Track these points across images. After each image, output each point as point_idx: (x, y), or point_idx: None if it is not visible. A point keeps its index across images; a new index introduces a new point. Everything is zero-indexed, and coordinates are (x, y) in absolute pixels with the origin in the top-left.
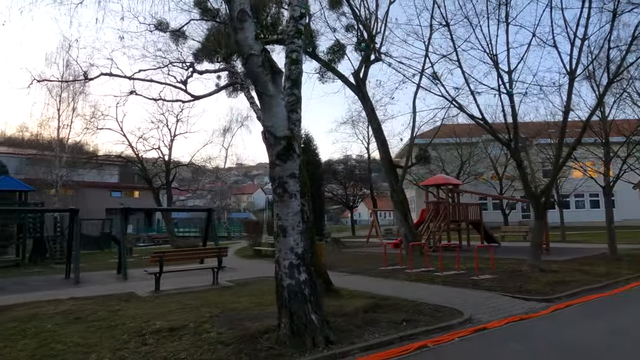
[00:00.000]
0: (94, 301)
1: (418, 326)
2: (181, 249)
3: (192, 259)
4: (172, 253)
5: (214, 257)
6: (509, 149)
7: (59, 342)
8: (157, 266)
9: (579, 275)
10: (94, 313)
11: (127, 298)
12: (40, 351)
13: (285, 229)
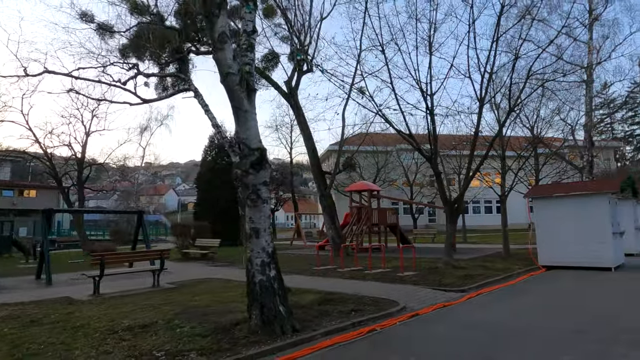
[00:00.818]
0: (34, 305)
1: (365, 314)
2: (123, 252)
3: (135, 261)
4: (114, 256)
5: (156, 259)
6: (429, 161)
7: (32, 343)
8: (97, 269)
9: (482, 270)
10: (46, 316)
11: (69, 302)
12: (18, 350)
13: (258, 231)
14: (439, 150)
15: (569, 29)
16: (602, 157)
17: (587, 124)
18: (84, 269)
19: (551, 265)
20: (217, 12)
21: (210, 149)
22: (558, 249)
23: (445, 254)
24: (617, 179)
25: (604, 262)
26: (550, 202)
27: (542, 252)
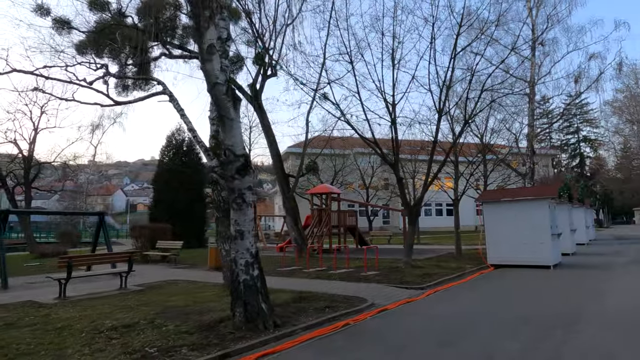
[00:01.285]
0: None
1: (338, 310)
2: (91, 255)
3: (105, 263)
4: (82, 258)
5: (125, 261)
6: (392, 168)
7: (21, 344)
8: (64, 271)
9: (438, 269)
10: (20, 319)
11: (38, 305)
12: (8, 351)
13: (243, 233)
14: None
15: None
16: (542, 164)
17: (529, 134)
18: (41, 273)
19: (499, 264)
20: (207, 25)
21: (168, 149)
22: (505, 249)
23: (405, 254)
24: (555, 185)
25: (544, 260)
26: (498, 206)
27: (490, 252)
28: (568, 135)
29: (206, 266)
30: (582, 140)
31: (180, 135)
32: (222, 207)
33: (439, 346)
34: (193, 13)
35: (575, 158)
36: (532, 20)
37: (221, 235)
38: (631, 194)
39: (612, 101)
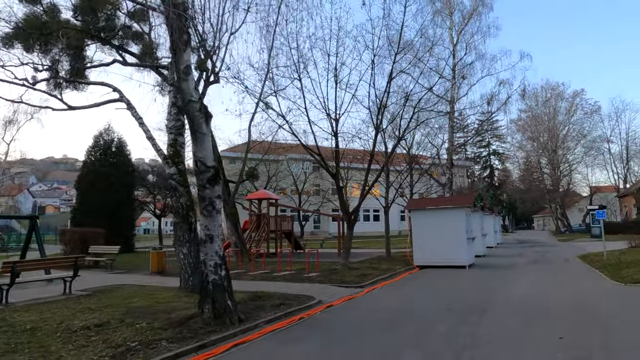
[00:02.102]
0: None
1: (292, 307)
2: (36, 259)
3: (50, 268)
4: (27, 263)
5: (71, 266)
6: (333, 178)
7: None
8: (8, 277)
9: (372, 270)
10: None
11: None
12: None
13: (212, 237)
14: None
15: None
16: (458, 175)
17: (449, 148)
18: None
19: (423, 265)
20: (184, 47)
21: (95, 150)
22: (428, 252)
23: (343, 257)
24: (471, 195)
25: (461, 261)
26: (423, 213)
27: (416, 254)
28: (480, 148)
29: (147, 271)
30: (492, 153)
31: (109, 136)
32: (181, 213)
33: (382, 332)
34: (171, 36)
35: (486, 169)
36: (454, 46)
37: (179, 240)
38: (531, 203)
39: (517, 120)
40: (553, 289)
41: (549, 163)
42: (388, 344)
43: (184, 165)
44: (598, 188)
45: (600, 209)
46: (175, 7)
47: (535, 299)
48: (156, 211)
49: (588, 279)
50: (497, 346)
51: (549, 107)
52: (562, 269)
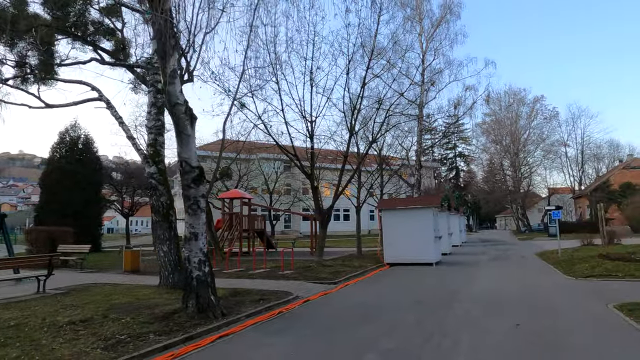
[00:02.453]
0: None
1: (270, 302)
2: (11, 258)
3: (23, 266)
4: (5, 261)
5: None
6: (308, 178)
7: None
8: None
9: (344, 267)
10: None
11: None
12: None
13: (197, 235)
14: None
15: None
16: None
17: (417, 150)
18: None
19: (393, 262)
20: (171, 52)
21: (61, 147)
22: (398, 250)
23: (317, 255)
24: (438, 196)
25: (429, 259)
26: (393, 213)
27: (386, 252)
28: (447, 150)
29: (119, 270)
30: (458, 155)
31: (75, 132)
32: (161, 212)
33: (359, 323)
34: (158, 41)
35: (452, 171)
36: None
37: (159, 238)
38: (494, 203)
39: (481, 123)
40: (512, 283)
41: (511, 165)
42: (365, 334)
43: (164, 165)
44: (556, 189)
45: (556, 209)
46: (163, 13)
47: (496, 292)
48: (124, 210)
49: (543, 274)
50: (462, 333)
51: (512, 111)
52: (521, 265)
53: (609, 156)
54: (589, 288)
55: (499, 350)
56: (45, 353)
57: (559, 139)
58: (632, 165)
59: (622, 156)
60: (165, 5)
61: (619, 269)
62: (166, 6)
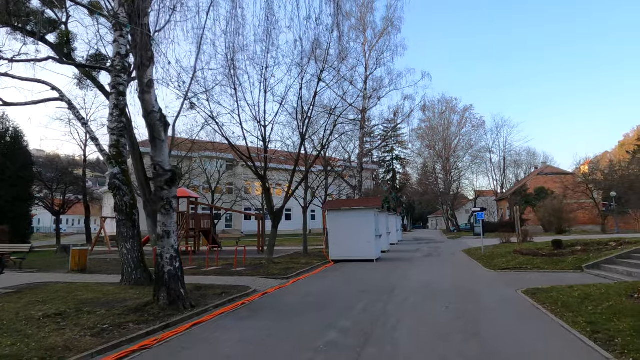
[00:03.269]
0: None
1: (232, 295)
2: None
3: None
4: None
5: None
6: (261, 180)
7: None
8: None
9: (293, 264)
10: None
11: None
12: None
13: (169, 233)
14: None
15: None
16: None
17: (359, 153)
18: None
19: (338, 259)
20: (148, 63)
21: None
22: (342, 248)
23: (267, 252)
24: (379, 198)
25: (370, 256)
26: (338, 213)
27: (331, 250)
28: (385, 153)
29: (63, 269)
30: (395, 158)
31: (3, 125)
32: (125, 211)
33: (315, 310)
34: (136, 53)
35: (389, 173)
36: (366, 61)
37: (123, 236)
38: (427, 204)
39: (417, 129)
40: (443, 275)
41: (443, 169)
42: (323, 317)
43: (126, 165)
44: (481, 192)
45: (481, 211)
46: (142, 27)
47: (429, 282)
48: (54, 208)
49: (469, 267)
50: (403, 314)
51: (444, 119)
52: (450, 260)
53: (526, 163)
54: (504, 278)
55: (433, 325)
56: (38, 340)
57: (485, 146)
58: (545, 172)
59: (537, 163)
60: (143, 20)
61: (528, 263)
62: (144, 21)
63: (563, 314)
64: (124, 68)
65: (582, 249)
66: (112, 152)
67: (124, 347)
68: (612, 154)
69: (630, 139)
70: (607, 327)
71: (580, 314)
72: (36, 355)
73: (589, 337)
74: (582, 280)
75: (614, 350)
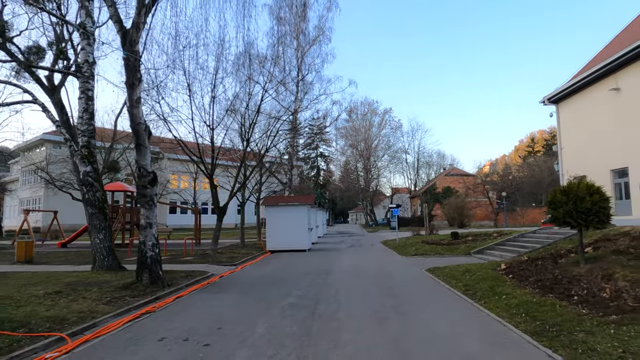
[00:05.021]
0: None
1: (195, 277)
2: None
3: None
4: None
5: None
6: (209, 178)
7: None
8: None
9: (235, 254)
10: None
11: None
12: None
13: (151, 224)
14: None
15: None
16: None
17: (290, 152)
18: None
19: (274, 250)
20: (137, 83)
21: None
22: (278, 239)
23: (212, 244)
24: (312, 195)
25: (303, 246)
26: (276, 208)
27: (268, 241)
28: (310, 150)
29: (6, 261)
30: (319, 155)
31: None
32: (97, 205)
33: (270, 286)
34: (128, 74)
35: (314, 169)
36: (298, 66)
37: (95, 227)
38: (347, 200)
39: (341, 128)
40: (365, 261)
41: (364, 167)
42: (280, 290)
43: (97, 164)
44: (397, 189)
45: (396, 207)
46: (135, 53)
47: (355, 266)
48: None
49: (386, 255)
50: (339, 286)
51: (366, 120)
52: (370, 249)
53: (437, 164)
54: (413, 261)
55: (362, 291)
56: (64, 307)
57: (401, 147)
58: (452, 173)
59: (446, 165)
60: (136, 47)
61: (432, 250)
62: (136, 48)
63: (449, 281)
64: (92, 75)
65: (472, 239)
66: (84, 152)
67: (133, 312)
68: (508, 158)
69: (523, 144)
70: (475, 287)
71: (461, 280)
72: (74, 316)
73: (463, 292)
74: (468, 261)
75: (474, 297)
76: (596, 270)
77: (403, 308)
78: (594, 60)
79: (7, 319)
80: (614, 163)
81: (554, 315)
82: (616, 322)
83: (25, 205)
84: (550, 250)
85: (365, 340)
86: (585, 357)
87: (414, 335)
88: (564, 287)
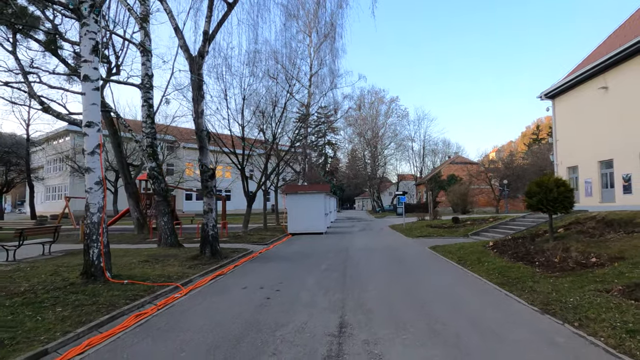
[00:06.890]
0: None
1: (241, 252)
2: (37, 227)
3: (46, 234)
4: (32, 230)
5: (52, 233)
6: (241, 172)
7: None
8: (18, 240)
9: (263, 236)
10: (19, 270)
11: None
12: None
13: (212, 209)
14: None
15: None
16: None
17: (304, 143)
18: None
19: (294, 233)
20: (201, 99)
21: None
22: (298, 223)
23: (243, 226)
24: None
25: (320, 229)
26: (297, 195)
27: (290, 225)
28: (318, 138)
29: (74, 240)
30: (327, 143)
31: None
32: (162, 194)
33: (304, 258)
34: (194, 92)
35: (322, 157)
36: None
37: (161, 212)
38: (354, 187)
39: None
40: (376, 241)
41: (371, 155)
42: (312, 262)
43: (160, 161)
44: (403, 177)
45: (403, 194)
46: (200, 76)
47: (368, 244)
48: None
49: (394, 237)
50: (359, 258)
51: (373, 109)
52: (380, 233)
53: (442, 152)
54: (418, 242)
55: (377, 261)
56: (158, 269)
57: (408, 135)
58: (456, 161)
59: (451, 153)
60: (200, 70)
61: (435, 232)
62: (201, 71)
63: (447, 255)
64: (151, 87)
65: (471, 223)
66: (148, 151)
67: (210, 275)
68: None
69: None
70: (466, 259)
71: (456, 254)
72: (174, 275)
73: (457, 262)
74: (465, 241)
75: (465, 265)
76: (559, 245)
77: (411, 272)
78: (587, 59)
79: (132, 275)
80: (601, 155)
81: (517, 273)
82: (556, 276)
83: (51, 191)
84: (532, 231)
85: (384, 289)
86: (528, 293)
87: (420, 287)
88: (531, 257)
